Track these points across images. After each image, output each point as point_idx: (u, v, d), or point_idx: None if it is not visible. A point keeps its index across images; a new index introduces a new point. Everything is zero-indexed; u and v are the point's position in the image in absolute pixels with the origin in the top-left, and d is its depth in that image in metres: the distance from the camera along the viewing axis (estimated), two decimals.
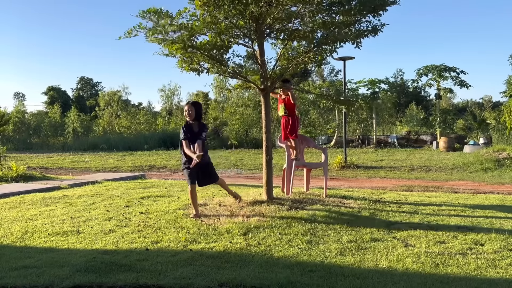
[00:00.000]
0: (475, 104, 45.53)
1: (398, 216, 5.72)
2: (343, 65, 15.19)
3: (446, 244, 4.51)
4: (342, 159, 14.56)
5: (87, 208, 6.61)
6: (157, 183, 10.21)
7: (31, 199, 7.65)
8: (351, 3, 6.09)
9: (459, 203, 6.78)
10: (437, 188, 9.41)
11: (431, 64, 22.84)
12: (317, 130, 25.47)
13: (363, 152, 19.73)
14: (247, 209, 5.92)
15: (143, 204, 6.79)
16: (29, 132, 29.96)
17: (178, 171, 15.04)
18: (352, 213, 5.82)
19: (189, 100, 6.31)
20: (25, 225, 5.57)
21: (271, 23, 6.13)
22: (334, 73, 47.31)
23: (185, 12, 5.73)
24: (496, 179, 11.35)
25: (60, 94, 47.02)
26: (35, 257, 4.26)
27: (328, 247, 4.43)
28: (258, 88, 6.52)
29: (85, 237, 4.95)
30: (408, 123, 27.40)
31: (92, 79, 60.17)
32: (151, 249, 4.45)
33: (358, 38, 6.19)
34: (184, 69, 6.19)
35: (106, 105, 34.75)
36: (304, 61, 6.67)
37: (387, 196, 7.43)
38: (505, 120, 17.25)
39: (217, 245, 4.54)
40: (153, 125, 31.00)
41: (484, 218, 5.63)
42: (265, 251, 4.35)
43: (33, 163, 17.38)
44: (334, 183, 10.44)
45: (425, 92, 40.24)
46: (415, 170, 13.41)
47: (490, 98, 52.12)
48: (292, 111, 6.93)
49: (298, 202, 6.33)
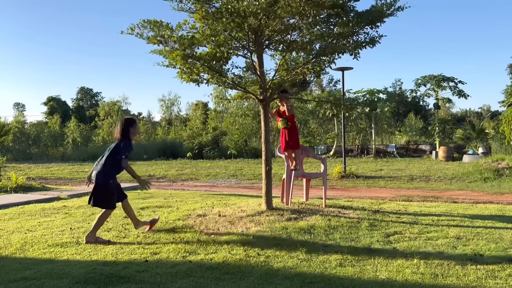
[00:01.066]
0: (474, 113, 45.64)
1: (398, 227, 5.72)
2: (342, 75, 15.29)
3: (446, 255, 4.50)
4: (342, 169, 14.56)
5: (86, 219, 6.60)
6: (156, 193, 10.20)
7: (30, 210, 7.64)
8: (348, 15, 6.17)
9: (458, 213, 6.78)
10: (436, 198, 9.41)
11: (430, 74, 22.99)
12: (316, 140, 25.52)
13: (363, 162, 19.74)
14: (247, 220, 5.93)
15: (142, 215, 6.78)
16: (28, 143, 29.98)
17: (177, 181, 15.04)
18: (352, 223, 5.82)
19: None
20: (25, 236, 5.56)
21: (269, 34, 6.19)
22: (333, 83, 47.59)
23: (185, 25, 5.80)
24: (496, 189, 11.35)
25: (60, 104, 47.08)
26: (35, 268, 4.25)
27: (327, 258, 4.43)
28: (257, 99, 6.56)
29: (85, 248, 4.94)
30: (407, 132, 27.48)
31: (92, 89, 60.49)
32: (150, 260, 4.45)
33: (356, 49, 6.25)
34: (184, 80, 6.25)
35: (106, 115, 34.81)
36: (303, 72, 6.73)
37: (387, 206, 7.43)
38: (503, 129, 17.30)
39: (217, 256, 4.53)
40: (152, 135, 31.05)
41: (484, 228, 5.63)
42: (264, 262, 4.35)
43: (32, 174, 17.36)
44: (334, 193, 10.44)
45: (424, 102, 40.41)
46: (415, 180, 13.42)
47: (489, 108, 52.27)
48: (293, 122, 6.98)
49: (298, 212, 6.34)
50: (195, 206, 7.45)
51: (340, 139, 21.75)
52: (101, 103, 41.88)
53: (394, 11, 6.11)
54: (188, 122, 35.79)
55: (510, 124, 14.97)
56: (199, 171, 17.21)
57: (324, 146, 24.57)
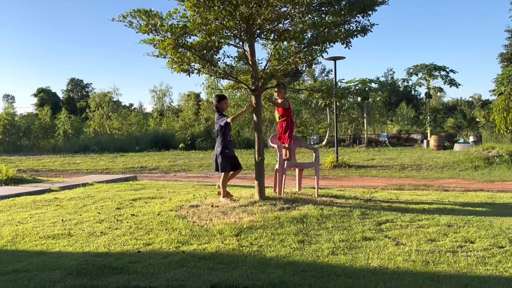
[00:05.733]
0: (465, 102, 46.00)
1: (389, 215, 5.76)
2: (334, 65, 15.28)
3: (437, 242, 4.55)
4: (334, 159, 14.62)
5: (78, 211, 6.56)
6: (148, 184, 10.17)
7: (21, 202, 7.58)
8: (340, 4, 6.13)
9: (449, 201, 6.85)
10: (427, 187, 9.49)
11: (421, 64, 23.05)
12: (308, 130, 25.55)
13: (355, 151, 19.83)
14: (239, 210, 5.93)
15: (135, 206, 6.76)
16: (19, 135, 29.66)
17: (170, 172, 15.00)
18: (344, 212, 5.85)
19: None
20: (16, 228, 5.52)
21: (261, 23, 6.14)
22: (325, 72, 47.62)
23: (176, 13, 5.73)
24: (486, 177, 11.47)
25: (50, 96, 46.59)
26: (26, 260, 4.22)
27: (320, 247, 4.45)
28: (249, 89, 6.53)
29: (77, 240, 4.91)
30: (398, 122, 27.61)
31: (82, 80, 59.82)
32: (143, 251, 4.44)
33: (348, 38, 6.22)
34: (174, 70, 6.19)
35: (97, 106, 34.54)
36: (295, 61, 6.70)
37: (379, 195, 7.48)
38: (494, 118, 17.44)
39: (210, 246, 4.54)
40: (144, 126, 30.86)
41: (474, 216, 5.69)
42: (257, 251, 4.36)
43: (23, 166, 17.22)
44: (326, 183, 10.49)
45: (415, 91, 40.49)
46: (406, 169, 13.51)
47: (480, 97, 52.71)
48: (287, 116, 7.00)
49: (290, 202, 6.35)
50: (187, 197, 7.43)
51: (332, 129, 21.79)
52: (91, 94, 41.55)
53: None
54: (180, 113, 35.64)
55: (500, 113, 15.10)
56: (191, 162, 17.17)
57: (317, 136, 24.62)
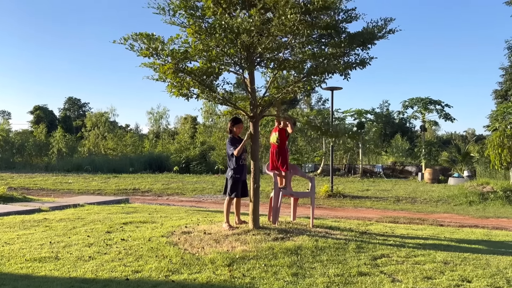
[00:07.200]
0: (459, 136, 46.36)
1: (385, 249, 5.66)
2: (331, 95, 15.41)
3: (433, 280, 4.45)
4: (329, 188, 14.54)
5: (67, 233, 6.41)
6: (140, 208, 10.01)
7: (9, 221, 7.41)
8: (340, 36, 6.21)
9: (445, 237, 6.76)
10: (422, 221, 9.40)
11: (417, 97, 23.32)
12: (304, 158, 25.53)
13: (349, 181, 19.76)
14: (232, 238, 5.81)
15: (125, 230, 6.62)
16: (12, 151, 29.43)
17: (163, 195, 14.83)
18: (339, 245, 5.75)
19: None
20: (1, 249, 5.36)
21: (261, 52, 6.18)
22: (322, 101, 47.91)
23: (177, 39, 5.76)
24: (481, 212, 11.41)
25: (46, 113, 46.54)
26: (10, 284, 4.08)
27: (314, 281, 4.33)
28: (247, 115, 6.52)
29: (64, 264, 4.77)
30: (393, 153, 27.66)
31: (80, 99, 59.96)
32: (131, 279, 4.30)
33: (347, 70, 6.27)
34: (173, 94, 6.18)
35: (93, 126, 34.41)
36: (294, 90, 6.72)
37: (374, 228, 7.38)
38: (489, 154, 17.50)
39: (200, 276, 4.41)
40: (139, 147, 30.74)
41: (471, 253, 5.60)
42: (249, 283, 4.23)
43: (14, 183, 16.99)
44: (321, 212, 10.37)
45: (410, 124, 40.82)
46: (401, 201, 13.44)
47: (474, 131, 53.23)
48: (284, 142, 6.98)
49: (285, 232, 6.24)
50: (180, 222, 7.30)
51: (327, 158, 21.78)
52: (88, 114, 41.47)
53: (385, 33, 6.16)
54: (176, 136, 35.56)
55: (495, 149, 15.14)
56: (185, 186, 17.02)
57: (312, 164, 24.58)
